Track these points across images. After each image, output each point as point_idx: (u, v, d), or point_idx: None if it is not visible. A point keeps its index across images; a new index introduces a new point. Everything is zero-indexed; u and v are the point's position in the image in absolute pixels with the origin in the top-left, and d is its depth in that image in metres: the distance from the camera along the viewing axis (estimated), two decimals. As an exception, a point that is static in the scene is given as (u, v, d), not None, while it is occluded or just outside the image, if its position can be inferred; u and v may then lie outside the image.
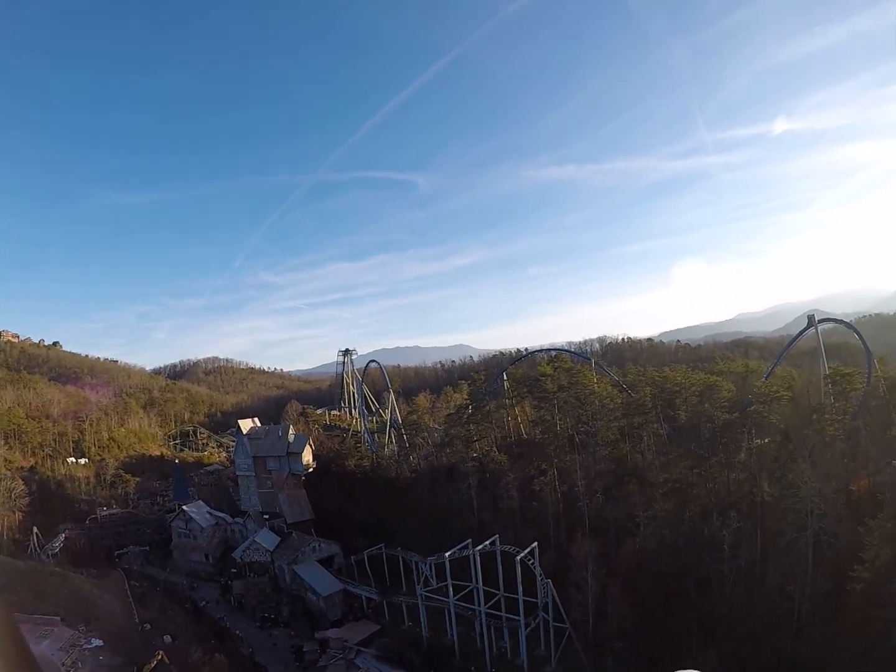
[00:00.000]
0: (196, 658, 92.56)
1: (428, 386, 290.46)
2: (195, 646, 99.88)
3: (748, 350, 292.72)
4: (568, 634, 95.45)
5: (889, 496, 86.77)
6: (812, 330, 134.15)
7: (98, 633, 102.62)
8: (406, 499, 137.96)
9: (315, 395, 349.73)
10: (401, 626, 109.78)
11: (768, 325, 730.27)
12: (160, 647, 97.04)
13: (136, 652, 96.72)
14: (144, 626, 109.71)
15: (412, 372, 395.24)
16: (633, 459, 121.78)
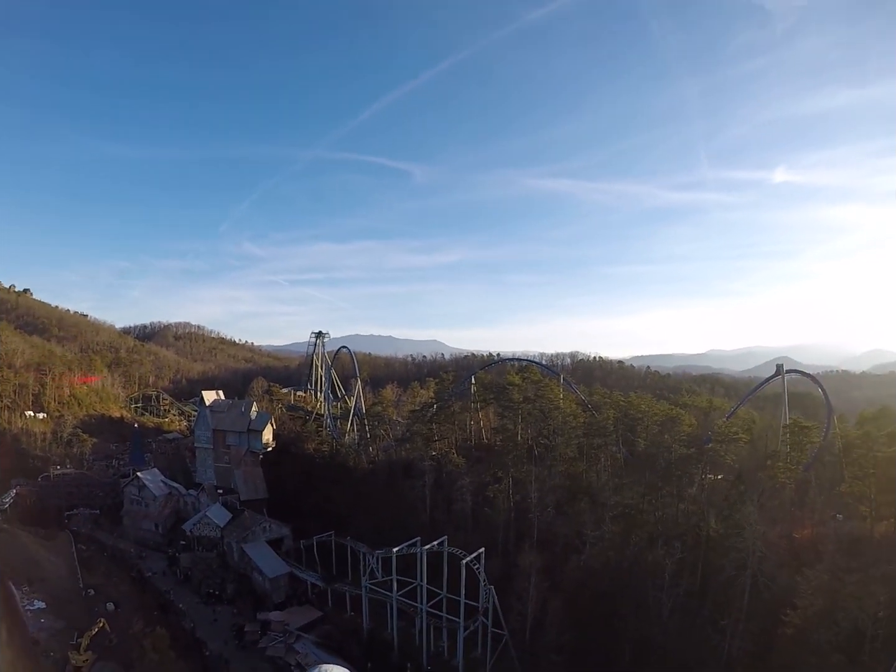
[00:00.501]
0: (137, 629, 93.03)
1: (397, 378, 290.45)
2: (138, 616, 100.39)
3: (715, 386, 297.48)
4: (505, 641, 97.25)
5: (829, 549, 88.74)
6: (779, 378, 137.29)
7: (41, 594, 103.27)
8: (361, 489, 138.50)
9: (283, 374, 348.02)
10: (343, 615, 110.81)
11: (738, 365, 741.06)
12: (103, 615, 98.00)
13: (78, 617, 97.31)
14: (88, 592, 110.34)
15: (383, 362, 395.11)
16: (588, 478, 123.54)
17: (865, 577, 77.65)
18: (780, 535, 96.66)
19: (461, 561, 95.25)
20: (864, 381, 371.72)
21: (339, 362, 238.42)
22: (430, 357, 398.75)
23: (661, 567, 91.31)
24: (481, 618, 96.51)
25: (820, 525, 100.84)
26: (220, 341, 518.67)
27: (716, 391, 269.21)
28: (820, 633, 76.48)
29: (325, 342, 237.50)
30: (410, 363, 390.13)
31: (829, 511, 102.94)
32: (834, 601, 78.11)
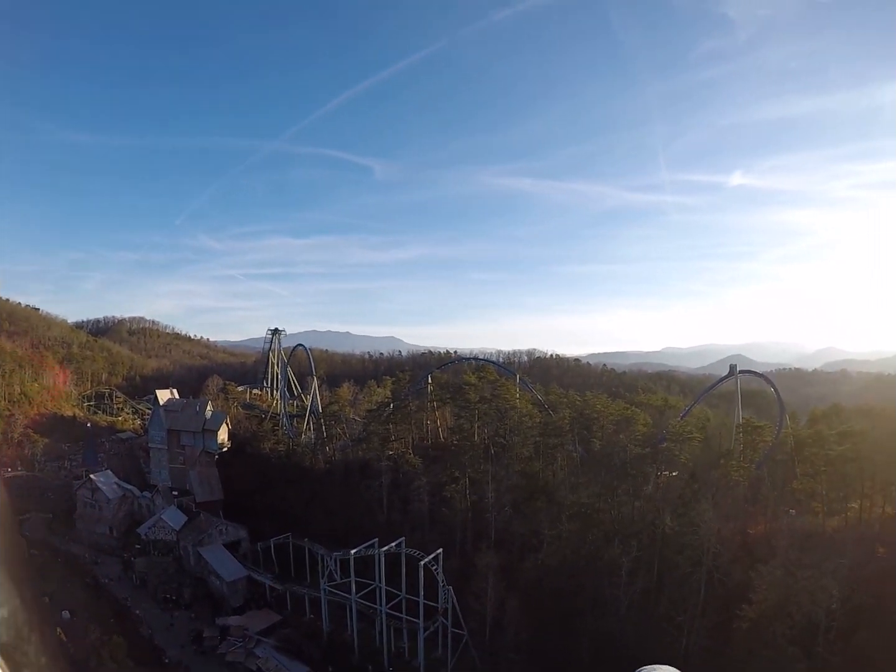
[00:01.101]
0: (94, 638, 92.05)
1: (354, 375, 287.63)
2: (94, 624, 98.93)
3: (670, 384, 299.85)
4: (465, 641, 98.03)
5: (783, 544, 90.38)
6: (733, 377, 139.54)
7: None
8: (318, 489, 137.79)
9: (239, 370, 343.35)
10: (302, 618, 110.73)
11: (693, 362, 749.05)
12: (58, 624, 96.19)
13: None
14: (43, 600, 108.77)
15: (340, 359, 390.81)
16: (545, 478, 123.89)
17: (818, 572, 79.20)
18: (734, 531, 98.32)
19: (419, 562, 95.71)
20: (816, 379, 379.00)
21: (295, 359, 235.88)
22: (388, 354, 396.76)
23: (618, 565, 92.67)
24: (441, 618, 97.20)
25: (773, 521, 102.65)
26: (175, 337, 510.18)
27: (671, 388, 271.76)
28: (775, 626, 78.63)
29: (281, 339, 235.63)
30: (368, 360, 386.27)
31: (781, 507, 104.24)
32: (788, 596, 79.93)
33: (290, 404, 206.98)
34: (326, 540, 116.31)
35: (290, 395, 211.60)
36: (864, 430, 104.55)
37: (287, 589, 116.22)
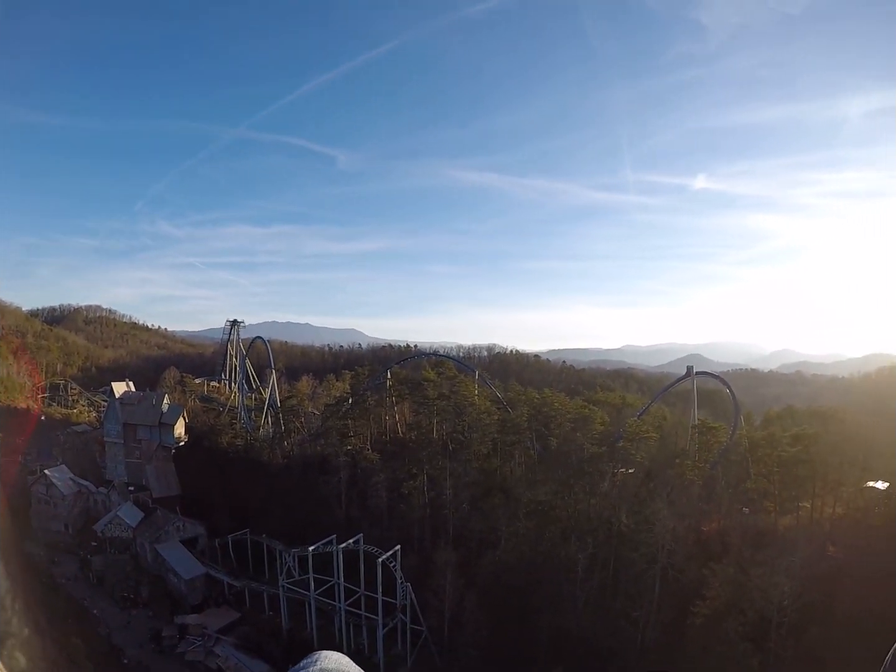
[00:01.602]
0: (51, 640, 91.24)
1: (313, 368, 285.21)
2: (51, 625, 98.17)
3: (628, 381, 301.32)
4: (424, 637, 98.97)
5: (736, 541, 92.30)
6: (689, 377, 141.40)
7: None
8: (276, 485, 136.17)
9: (197, 361, 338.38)
10: (262, 616, 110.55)
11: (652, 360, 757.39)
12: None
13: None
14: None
15: (299, 351, 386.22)
16: (503, 474, 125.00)
17: (770, 570, 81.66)
18: (688, 529, 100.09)
19: (377, 559, 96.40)
20: (772, 379, 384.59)
21: (254, 351, 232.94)
22: (348, 347, 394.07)
23: (575, 561, 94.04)
24: (400, 615, 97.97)
25: (727, 519, 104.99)
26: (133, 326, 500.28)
27: (629, 386, 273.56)
28: (728, 622, 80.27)
29: (240, 330, 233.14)
30: (327, 352, 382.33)
31: (735, 506, 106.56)
32: (741, 592, 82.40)
33: (249, 397, 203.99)
34: (285, 536, 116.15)
35: (248, 388, 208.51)
36: (816, 432, 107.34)
37: (245, 586, 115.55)
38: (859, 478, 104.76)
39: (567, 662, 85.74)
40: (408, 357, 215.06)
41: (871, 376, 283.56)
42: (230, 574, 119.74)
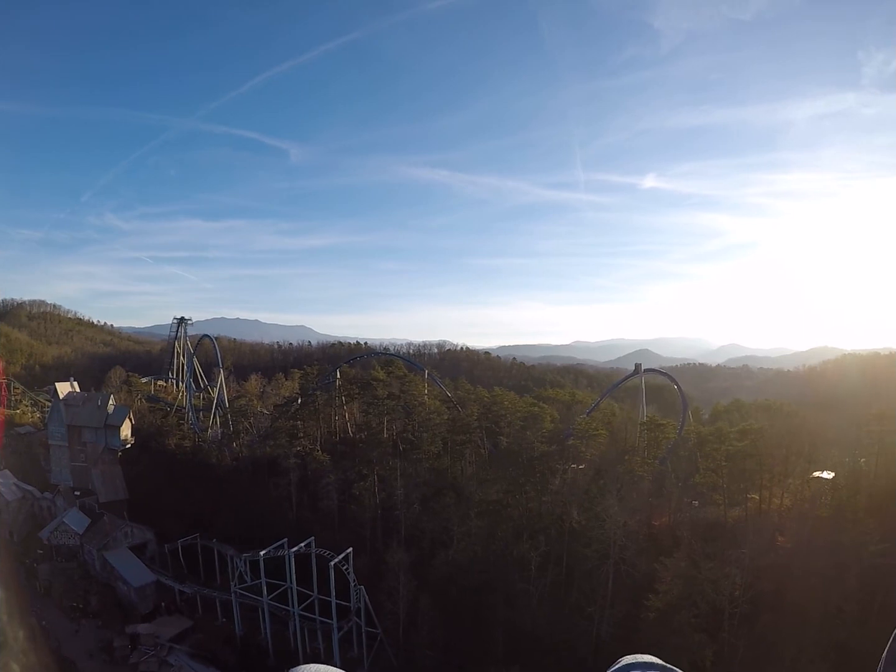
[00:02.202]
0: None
1: (262, 366, 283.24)
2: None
3: (578, 377, 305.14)
4: (380, 639, 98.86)
5: (686, 534, 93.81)
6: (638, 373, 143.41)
7: None
8: (225, 487, 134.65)
9: (144, 359, 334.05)
10: (215, 623, 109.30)
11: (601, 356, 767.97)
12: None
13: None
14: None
15: (248, 348, 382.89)
16: (454, 473, 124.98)
17: (720, 562, 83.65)
18: (639, 523, 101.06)
19: (329, 562, 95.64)
20: (720, 374, 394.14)
21: (202, 349, 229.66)
22: (297, 344, 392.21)
23: (527, 559, 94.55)
24: (354, 618, 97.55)
25: (677, 513, 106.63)
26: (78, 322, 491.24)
27: (579, 382, 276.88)
28: (681, 615, 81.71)
29: (187, 328, 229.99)
30: (277, 350, 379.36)
31: (685, 499, 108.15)
32: (692, 585, 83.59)
33: (197, 397, 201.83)
34: (236, 540, 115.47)
35: (195, 388, 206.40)
36: (762, 427, 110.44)
37: (197, 592, 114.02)
38: (805, 469, 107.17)
39: (523, 659, 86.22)
40: (357, 356, 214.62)
41: (815, 369, 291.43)
42: (181, 580, 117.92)
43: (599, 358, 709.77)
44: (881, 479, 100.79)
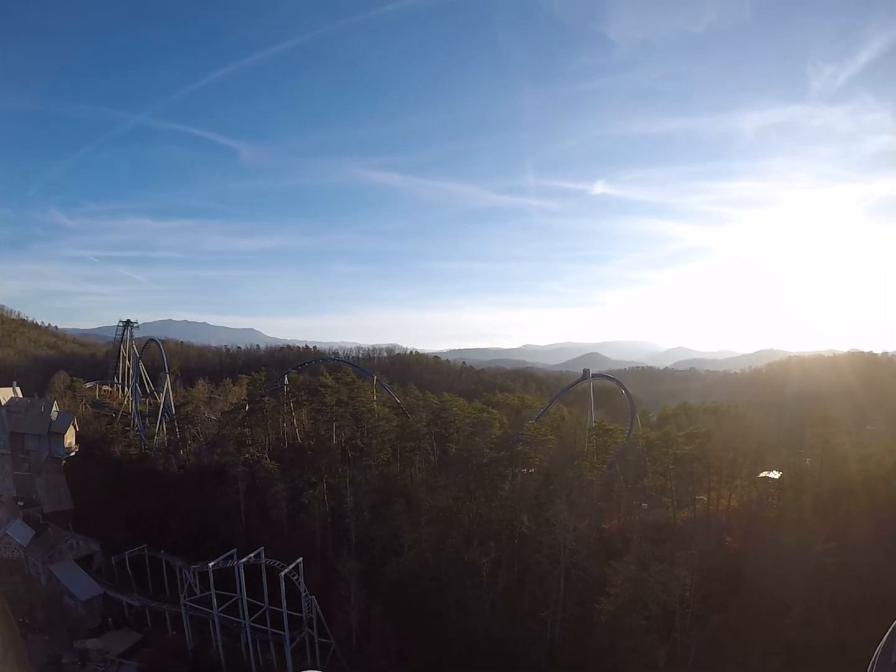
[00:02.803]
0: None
1: (210, 370, 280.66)
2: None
3: (528, 381, 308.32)
4: (333, 650, 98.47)
5: (636, 537, 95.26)
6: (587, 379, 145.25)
7: None
8: (173, 496, 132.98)
9: (90, 363, 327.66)
10: (165, 636, 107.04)
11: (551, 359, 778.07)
12: None
13: None
14: None
15: (196, 352, 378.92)
16: (403, 480, 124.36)
17: (670, 564, 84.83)
18: (589, 527, 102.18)
19: (280, 572, 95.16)
20: (668, 376, 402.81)
21: (149, 353, 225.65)
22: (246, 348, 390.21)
23: (479, 565, 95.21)
24: (307, 628, 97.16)
25: (626, 516, 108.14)
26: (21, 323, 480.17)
27: (528, 386, 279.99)
28: (632, 617, 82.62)
29: (133, 331, 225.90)
30: (225, 354, 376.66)
31: (634, 502, 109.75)
32: (643, 588, 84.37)
33: (143, 402, 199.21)
34: (185, 550, 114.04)
35: (142, 393, 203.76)
36: (709, 430, 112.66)
37: (146, 605, 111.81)
38: (752, 470, 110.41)
39: (478, 665, 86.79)
40: (306, 362, 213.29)
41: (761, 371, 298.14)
42: (129, 593, 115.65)
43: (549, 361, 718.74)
44: (826, 480, 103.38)
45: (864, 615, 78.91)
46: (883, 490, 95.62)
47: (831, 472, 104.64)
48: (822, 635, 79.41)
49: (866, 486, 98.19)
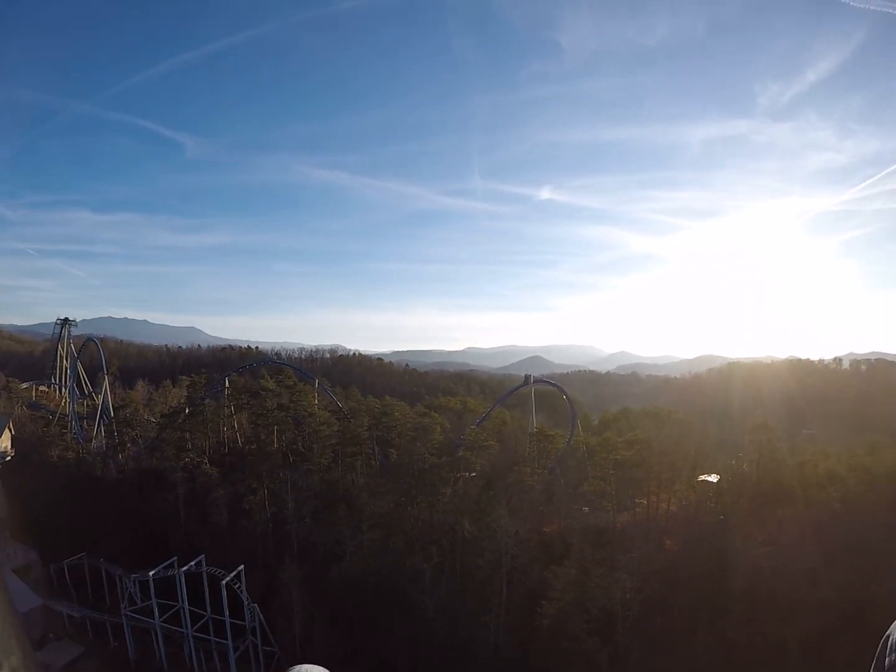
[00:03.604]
0: None
1: (150, 369, 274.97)
2: None
3: (471, 384, 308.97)
4: (278, 658, 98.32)
5: (577, 541, 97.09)
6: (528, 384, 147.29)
7: None
8: (112, 502, 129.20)
9: (26, 361, 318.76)
10: (107, 648, 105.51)
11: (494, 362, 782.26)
12: None
13: None
14: None
15: (136, 351, 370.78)
16: (345, 485, 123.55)
17: (610, 569, 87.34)
18: (530, 531, 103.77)
19: (221, 581, 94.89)
20: (609, 380, 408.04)
21: (87, 352, 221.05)
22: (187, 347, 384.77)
23: (421, 571, 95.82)
24: (250, 637, 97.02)
25: (567, 519, 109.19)
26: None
27: (472, 389, 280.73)
28: (573, 621, 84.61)
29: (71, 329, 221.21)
30: (165, 354, 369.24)
31: (575, 506, 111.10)
32: (583, 592, 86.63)
33: (81, 404, 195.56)
34: (125, 559, 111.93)
35: (79, 394, 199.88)
36: (648, 437, 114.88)
37: (86, 616, 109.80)
38: (691, 475, 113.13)
39: (423, 670, 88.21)
40: (247, 364, 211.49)
41: (701, 376, 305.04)
42: (69, 604, 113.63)
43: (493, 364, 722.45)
44: (763, 485, 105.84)
45: (801, 617, 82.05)
46: (818, 495, 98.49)
47: (768, 477, 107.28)
48: (761, 635, 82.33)
49: (803, 490, 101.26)
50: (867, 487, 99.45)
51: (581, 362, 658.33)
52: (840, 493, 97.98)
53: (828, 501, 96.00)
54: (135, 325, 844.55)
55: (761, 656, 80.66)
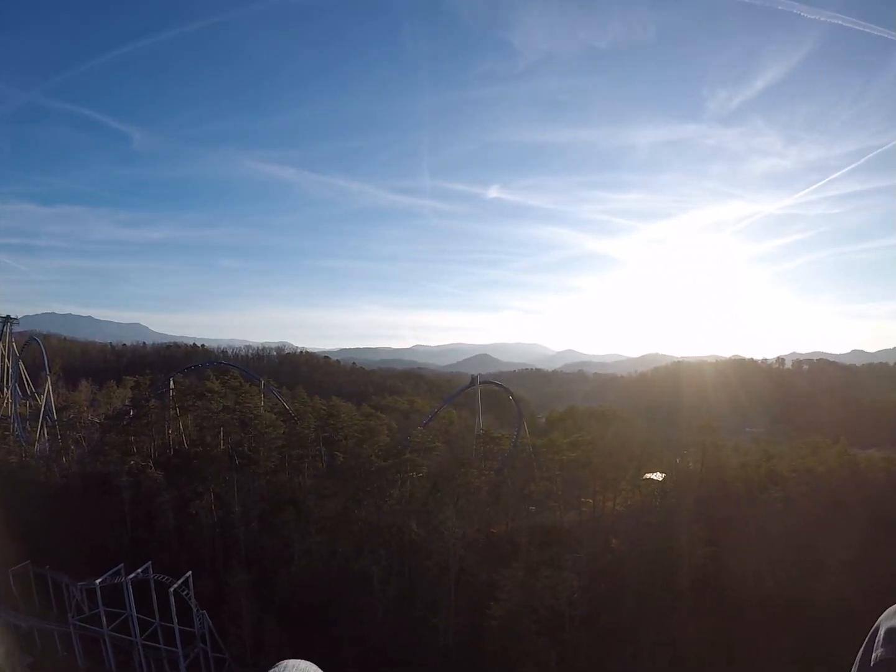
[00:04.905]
0: None
1: (94, 368, 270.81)
2: None
3: (418, 382, 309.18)
4: (228, 665, 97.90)
5: (524, 541, 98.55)
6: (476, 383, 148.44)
7: None
8: (57, 507, 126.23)
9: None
10: (55, 657, 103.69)
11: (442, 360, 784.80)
12: None
13: None
14: None
15: (80, 348, 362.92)
16: (292, 488, 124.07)
17: (557, 569, 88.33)
18: (478, 532, 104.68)
19: (169, 588, 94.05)
20: (556, 378, 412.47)
21: (30, 350, 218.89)
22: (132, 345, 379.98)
23: (370, 573, 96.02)
24: (200, 644, 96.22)
25: (514, 520, 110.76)
26: None
27: (419, 387, 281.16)
28: (522, 621, 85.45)
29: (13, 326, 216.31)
30: (110, 351, 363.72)
31: (522, 506, 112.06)
32: (532, 592, 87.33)
33: (23, 405, 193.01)
34: (72, 566, 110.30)
35: (21, 395, 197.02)
36: (593, 439, 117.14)
37: (33, 626, 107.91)
38: (636, 474, 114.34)
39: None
40: (192, 365, 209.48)
41: (646, 375, 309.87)
42: (15, 613, 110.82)
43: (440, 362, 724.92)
44: (707, 485, 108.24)
45: (746, 614, 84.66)
46: (761, 495, 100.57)
47: (712, 478, 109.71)
48: (706, 632, 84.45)
49: (746, 490, 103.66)
50: (809, 488, 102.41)
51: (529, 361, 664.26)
52: (782, 493, 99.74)
53: (770, 502, 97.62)
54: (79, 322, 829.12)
55: (707, 653, 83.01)
